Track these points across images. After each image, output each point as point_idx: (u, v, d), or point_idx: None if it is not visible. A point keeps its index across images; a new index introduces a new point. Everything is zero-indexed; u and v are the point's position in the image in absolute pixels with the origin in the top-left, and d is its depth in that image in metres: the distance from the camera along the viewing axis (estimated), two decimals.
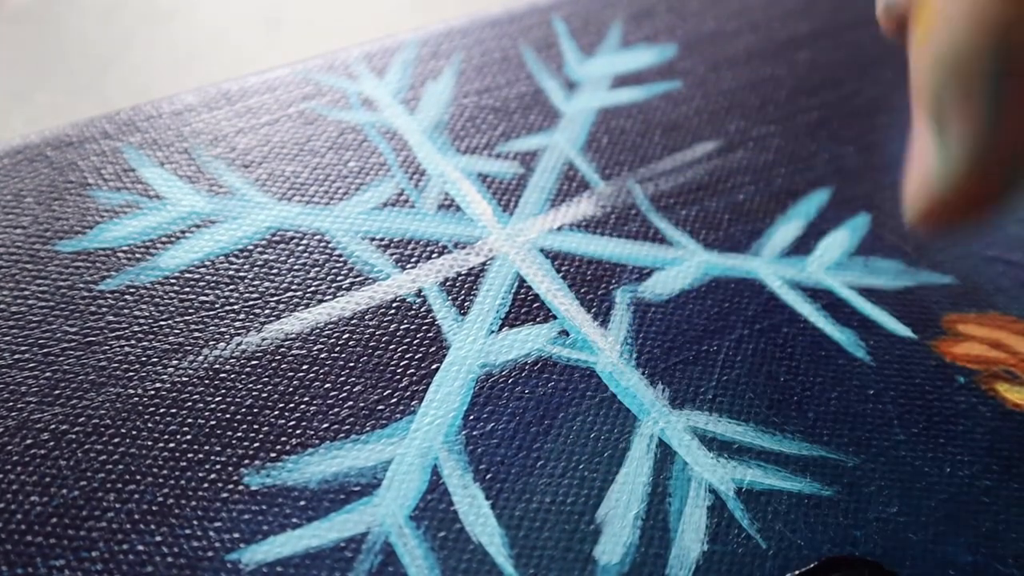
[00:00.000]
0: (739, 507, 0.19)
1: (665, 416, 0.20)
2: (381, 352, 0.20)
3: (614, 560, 0.18)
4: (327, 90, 0.26)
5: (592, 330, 0.21)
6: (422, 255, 0.22)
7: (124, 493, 0.18)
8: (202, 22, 0.37)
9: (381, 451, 0.19)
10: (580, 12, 0.29)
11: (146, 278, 0.21)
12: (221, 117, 0.25)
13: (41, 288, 0.21)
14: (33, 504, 0.18)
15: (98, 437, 0.19)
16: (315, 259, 0.22)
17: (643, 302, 0.22)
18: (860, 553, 0.18)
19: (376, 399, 0.20)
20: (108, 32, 0.37)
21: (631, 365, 0.21)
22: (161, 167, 0.23)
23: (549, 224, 0.23)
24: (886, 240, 0.24)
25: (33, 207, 0.22)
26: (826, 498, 0.19)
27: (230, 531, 0.18)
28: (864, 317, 0.22)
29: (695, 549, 0.18)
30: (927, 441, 0.20)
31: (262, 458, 0.19)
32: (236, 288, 0.21)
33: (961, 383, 0.21)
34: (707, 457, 0.19)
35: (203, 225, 0.22)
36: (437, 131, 0.25)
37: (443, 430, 0.19)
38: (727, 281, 0.23)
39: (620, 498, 0.19)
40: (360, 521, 0.18)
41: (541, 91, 0.27)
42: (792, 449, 0.20)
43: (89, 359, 0.20)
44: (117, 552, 0.17)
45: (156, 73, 0.35)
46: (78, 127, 0.24)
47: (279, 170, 0.24)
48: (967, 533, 0.19)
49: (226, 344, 0.20)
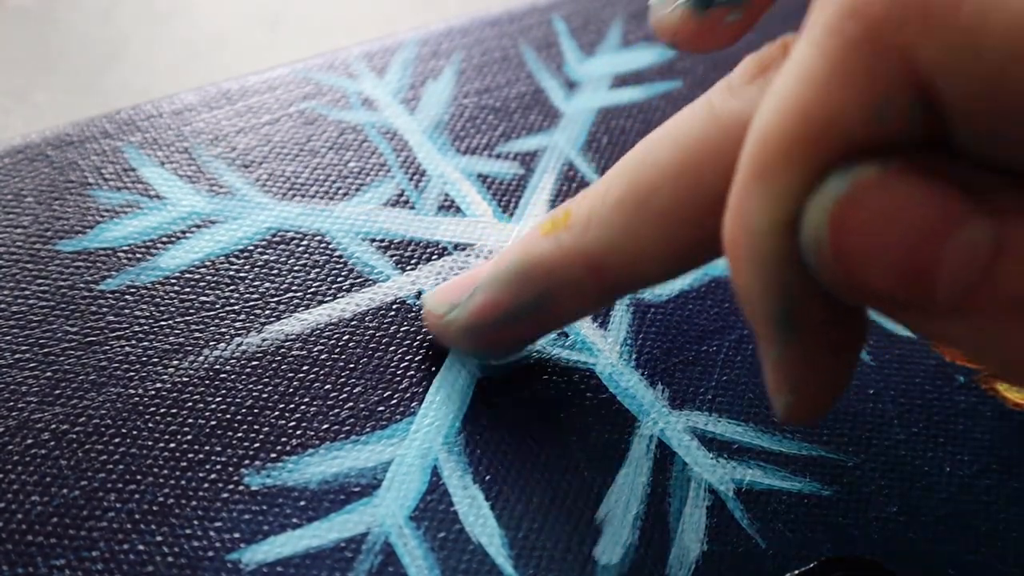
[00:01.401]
0: (739, 507, 0.19)
1: (665, 416, 0.20)
2: (381, 353, 0.20)
3: (614, 560, 0.18)
4: (327, 90, 0.26)
5: (591, 331, 0.21)
6: (422, 257, 0.22)
7: (125, 493, 0.18)
8: (202, 22, 0.37)
9: (381, 452, 0.19)
10: (580, 11, 0.29)
11: (146, 278, 0.21)
12: (221, 116, 0.25)
13: (41, 288, 0.21)
14: (34, 504, 0.18)
15: (98, 437, 0.19)
16: (315, 260, 0.22)
17: (642, 303, 0.22)
18: (860, 553, 0.18)
19: (376, 400, 0.20)
20: (108, 31, 0.37)
21: (631, 366, 0.21)
22: (161, 167, 0.23)
23: None
24: None
25: (33, 207, 0.22)
26: (826, 498, 0.19)
27: (230, 531, 0.18)
28: None
29: (695, 549, 0.18)
30: (927, 441, 0.20)
31: (262, 458, 0.19)
32: (236, 288, 0.21)
33: (961, 383, 0.21)
34: (707, 457, 0.19)
35: (203, 225, 0.22)
36: (437, 131, 0.25)
37: (443, 431, 0.19)
38: (727, 281, 0.23)
39: (620, 498, 0.19)
40: (360, 521, 0.18)
41: (541, 91, 0.27)
42: (792, 449, 0.20)
43: (89, 359, 0.20)
44: (118, 552, 0.17)
45: (156, 73, 0.35)
46: (78, 126, 0.24)
47: (279, 170, 0.24)
48: (967, 533, 0.19)
49: (226, 344, 0.20)
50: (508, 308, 0.18)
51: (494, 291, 0.18)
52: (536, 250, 0.18)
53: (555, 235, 0.17)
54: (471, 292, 0.19)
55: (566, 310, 0.18)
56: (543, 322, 0.19)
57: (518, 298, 0.18)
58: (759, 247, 0.13)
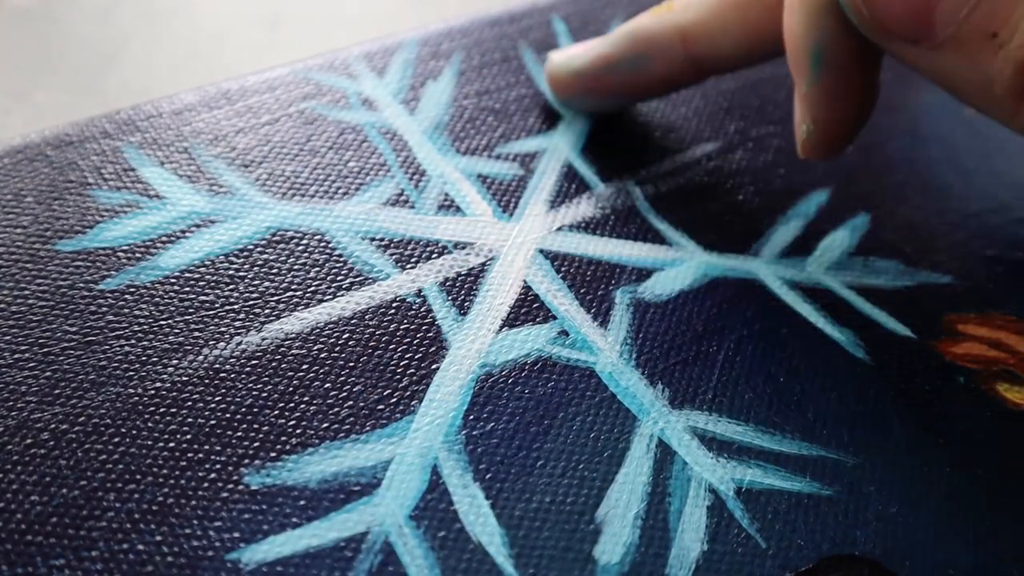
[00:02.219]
0: (739, 507, 0.19)
1: (665, 416, 0.20)
2: (381, 352, 0.20)
3: (614, 560, 0.18)
4: (327, 90, 0.26)
5: (592, 330, 0.21)
6: (422, 255, 0.22)
7: (124, 493, 0.18)
8: (202, 22, 0.37)
9: (381, 451, 0.19)
10: (580, 12, 0.29)
11: (146, 278, 0.21)
12: (221, 116, 0.25)
13: (41, 288, 0.21)
14: (33, 504, 0.18)
15: (98, 437, 0.19)
16: (315, 259, 0.22)
17: (643, 302, 0.22)
18: (860, 553, 0.18)
19: (376, 399, 0.20)
20: (108, 31, 0.37)
21: (631, 365, 0.21)
22: (161, 166, 0.23)
23: (549, 225, 0.23)
24: (885, 240, 0.24)
25: (33, 206, 0.22)
26: (826, 498, 0.19)
27: (230, 530, 0.18)
28: (864, 317, 0.22)
29: (695, 549, 0.18)
30: (927, 441, 0.20)
31: (262, 458, 0.19)
32: (236, 288, 0.21)
33: (961, 383, 0.21)
34: (707, 457, 0.19)
35: (203, 225, 0.22)
36: (437, 132, 0.25)
37: (443, 430, 0.19)
38: (727, 281, 0.23)
39: (620, 498, 0.19)
40: (360, 521, 0.18)
41: (541, 93, 0.27)
42: (792, 449, 0.20)
43: (89, 359, 0.20)
44: (117, 551, 0.17)
45: (156, 72, 0.35)
46: (78, 126, 0.24)
47: (279, 170, 0.24)
48: (967, 533, 0.19)
49: (226, 344, 0.20)
50: (614, 60, 0.24)
51: (607, 47, 0.24)
52: (645, 21, 0.24)
53: (660, 14, 0.23)
54: (590, 48, 0.25)
55: (657, 72, 0.24)
56: (638, 79, 0.24)
57: (624, 54, 0.24)
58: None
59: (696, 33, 0.22)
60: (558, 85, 0.26)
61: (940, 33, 0.17)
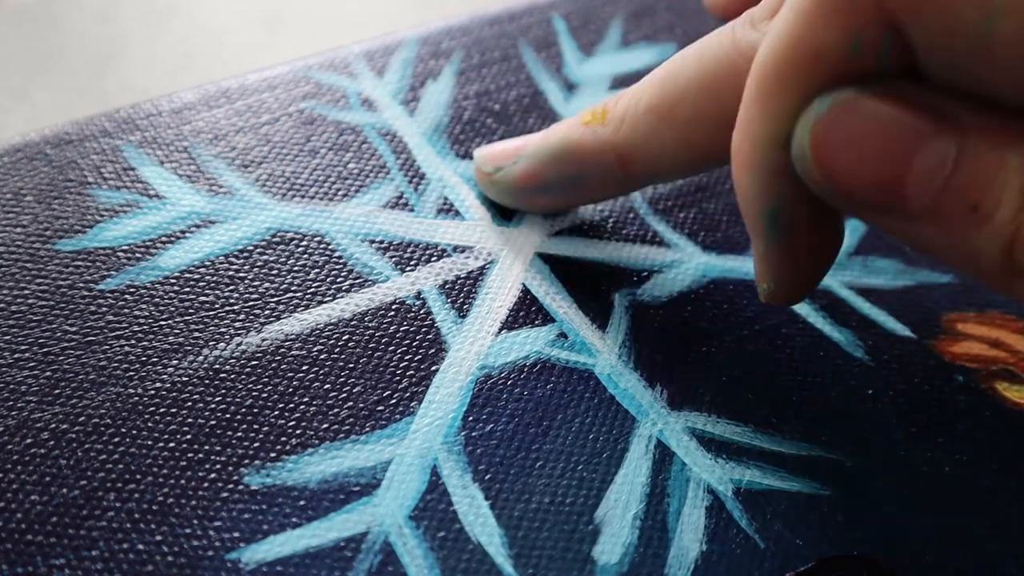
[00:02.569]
0: (737, 507, 0.19)
1: (664, 417, 0.20)
2: (380, 353, 0.21)
3: (613, 560, 0.18)
4: (327, 89, 0.26)
5: (591, 332, 0.21)
6: (421, 258, 0.22)
7: (124, 492, 0.18)
8: (202, 21, 0.37)
9: (381, 451, 0.19)
10: (580, 10, 0.29)
11: (146, 278, 0.21)
12: (221, 116, 0.25)
13: (41, 287, 0.21)
14: (33, 503, 0.18)
15: (98, 436, 0.19)
16: (315, 260, 0.22)
17: (641, 304, 0.22)
18: (859, 553, 0.18)
19: (376, 400, 0.20)
20: (108, 30, 0.37)
21: (629, 367, 0.21)
22: (161, 166, 0.23)
23: (547, 229, 0.23)
24: (885, 239, 0.24)
25: (33, 206, 0.22)
26: (825, 498, 0.19)
27: (230, 530, 0.18)
28: (863, 317, 0.22)
29: (694, 549, 0.18)
30: (927, 441, 0.20)
31: (262, 458, 0.19)
32: (236, 288, 0.21)
33: (961, 382, 0.21)
34: (706, 458, 0.19)
35: (203, 225, 0.22)
36: (436, 134, 0.25)
37: (442, 431, 0.19)
38: (725, 282, 0.23)
39: (619, 498, 0.19)
40: (360, 521, 0.18)
41: (540, 93, 0.27)
42: (791, 449, 0.20)
43: (89, 359, 0.20)
44: (117, 551, 0.17)
45: (155, 72, 0.35)
46: (78, 125, 0.24)
47: (279, 170, 0.24)
48: (967, 533, 0.19)
49: (226, 344, 0.20)
50: (545, 180, 0.22)
51: (536, 163, 0.22)
52: (575, 136, 0.21)
53: (593, 128, 0.21)
54: (515, 159, 0.22)
55: (593, 190, 0.22)
56: (573, 196, 0.23)
57: (555, 173, 0.22)
58: (757, 157, 0.16)
59: (634, 154, 0.20)
60: (487, 189, 0.23)
61: (914, 204, 0.15)
